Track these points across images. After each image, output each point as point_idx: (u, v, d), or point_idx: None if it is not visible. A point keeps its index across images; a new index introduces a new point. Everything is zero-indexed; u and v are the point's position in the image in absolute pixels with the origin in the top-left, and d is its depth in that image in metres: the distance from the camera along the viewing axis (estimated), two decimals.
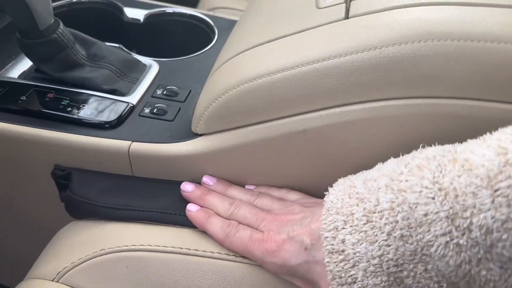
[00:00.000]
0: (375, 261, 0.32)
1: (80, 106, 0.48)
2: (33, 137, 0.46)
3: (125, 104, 0.49)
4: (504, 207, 0.27)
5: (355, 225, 0.33)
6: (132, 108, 0.49)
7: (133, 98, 0.50)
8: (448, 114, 0.36)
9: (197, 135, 0.45)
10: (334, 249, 0.34)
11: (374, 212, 0.32)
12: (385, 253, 0.32)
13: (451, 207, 0.29)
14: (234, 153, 0.43)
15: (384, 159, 0.39)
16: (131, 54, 0.57)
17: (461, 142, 0.37)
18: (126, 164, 0.46)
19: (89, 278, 0.40)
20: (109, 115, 0.48)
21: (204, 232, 0.42)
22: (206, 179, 0.45)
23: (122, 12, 0.65)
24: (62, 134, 0.46)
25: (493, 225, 0.28)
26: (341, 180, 0.38)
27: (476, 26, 0.35)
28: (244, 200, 0.43)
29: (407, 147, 0.38)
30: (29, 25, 0.47)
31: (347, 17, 0.40)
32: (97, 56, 0.53)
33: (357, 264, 0.33)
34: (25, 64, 0.54)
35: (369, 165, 0.40)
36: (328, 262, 0.34)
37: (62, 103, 0.49)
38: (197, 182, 0.46)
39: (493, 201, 0.27)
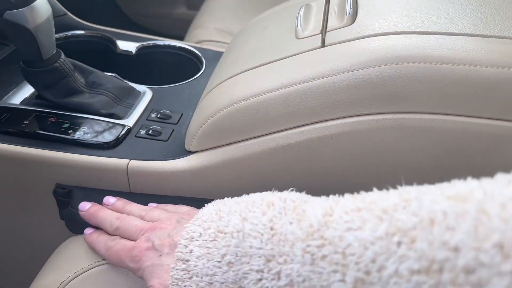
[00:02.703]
0: (206, 279, 0.33)
1: (80, 128, 0.52)
2: (36, 157, 0.50)
3: (122, 127, 0.53)
4: (308, 265, 0.29)
5: (204, 240, 0.35)
6: (129, 130, 0.53)
7: (130, 121, 0.54)
8: (413, 128, 0.41)
9: (190, 152, 0.49)
10: (181, 256, 0.35)
11: (221, 232, 0.34)
12: (215, 274, 0.33)
13: (271, 248, 0.31)
14: (225, 168, 0.47)
15: (360, 170, 0.44)
16: (125, 82, 0.61)
17: (425, 153, 0.42)
18: (124, 181, 0.49)
19: (91, 286, 0.43)
20: (107, 137, 0.52)
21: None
22: (106, 199, 0.47)
23: (115, 44, 0.70)
24: (64, 154, 0.49)
25: (296, 279, 0.29)
26: (226, 199, 0.39)
27: (433, 50, 0.41)
28: (135, 214, 0.44)
29: (379, 158, 0.43)
30: (34, 55, 0.51)
31: (323, 45, 0.45)
32: (95, 83, 0.57)
33: (193, 277, 0.34)
34: (26, 91, 0.58)
35: (347, 176, 0.45)
36: (173, 267, 0.35)
37: (63, 126, 0.52)
38: (190, 197, 0.49)
39: (302, 256, 0.29)
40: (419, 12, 0.45)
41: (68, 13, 0.73)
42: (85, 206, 0.47)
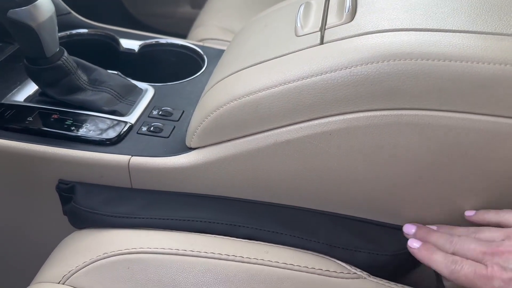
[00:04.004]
0: None
1: (83, 125, 0.53)
2: (39, 153, 0.50)
3: (124, 123, 0.54)
4: None
5: None
6: (131, 127, 0.54)
7: (131, 118, 0.55)
8: (409, 123, 0.41)
9: (191, 149, 0.50)
10: None
11: None
12: None
13: None
14: (225, 164, 0.48)
15: (358, 166, 0.45)
16: (128, 80, 0.62)
17: (422, 148, 0.42)
18: (126, 177, 0.50)
19: (93, 279, 0.44)
20: (109, 133, 0.52)
21: (198, 235, 0.47)
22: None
23: (118, 43, 0.71)
24: (67, 150, 0.50)
25: None
26: None
27: (431, 47, 0.41)
28: (466, 234, 0.44)
29: (377, 154, 0.43)
30: (37, 52, 0.52)
31: (321, 43, 0.46)
32: (97, 81, 0.58)
33: None
34: (30, 89, 0.59)
35: (345, 172, 0.45)
36: None
37: (66, 123, 0.53)
38: (190, 193, 0.50)
39: None
40: (417, 10, 0.46)
41: (72, 11, 0.74)
42: (411, 230, 0.47)
